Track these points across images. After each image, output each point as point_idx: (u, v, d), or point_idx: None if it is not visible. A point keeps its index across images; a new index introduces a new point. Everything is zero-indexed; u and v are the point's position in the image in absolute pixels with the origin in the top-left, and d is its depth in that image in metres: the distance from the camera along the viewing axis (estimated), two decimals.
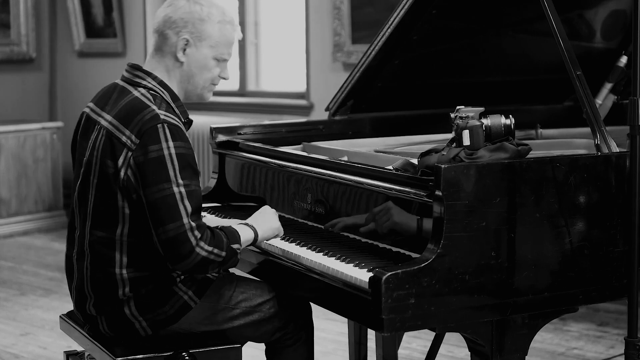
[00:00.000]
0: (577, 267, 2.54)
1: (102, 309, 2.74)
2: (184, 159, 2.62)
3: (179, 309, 2.73)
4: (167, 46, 2.75)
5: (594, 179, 2.56)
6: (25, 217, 7.25)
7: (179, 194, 2.59)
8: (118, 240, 2.68)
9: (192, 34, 2.73)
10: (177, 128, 2.64)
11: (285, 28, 6.69)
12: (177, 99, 2.76)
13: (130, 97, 2.71)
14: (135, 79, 2.76)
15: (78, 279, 2.78)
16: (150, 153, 2.60)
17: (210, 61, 2.77)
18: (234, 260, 2.69)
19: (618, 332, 4.63)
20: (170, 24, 2.73)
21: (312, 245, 2.78)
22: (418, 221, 2.53)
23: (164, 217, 2.59)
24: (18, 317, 5.11)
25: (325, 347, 4.51)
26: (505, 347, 2.52)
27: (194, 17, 2.72)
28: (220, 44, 2.76)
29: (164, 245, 2.60)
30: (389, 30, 3.26)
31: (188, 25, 2.72)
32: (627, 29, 3.58)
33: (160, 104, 2.68)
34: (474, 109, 2.67)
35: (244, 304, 2.81)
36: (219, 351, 2.76)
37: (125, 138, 2.64)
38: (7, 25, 7.51)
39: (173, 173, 2.60)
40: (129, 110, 2.67)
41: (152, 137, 2.61)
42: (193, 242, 2.59)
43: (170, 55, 2.75)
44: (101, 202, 2.69)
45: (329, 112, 3.61)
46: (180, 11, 2.73)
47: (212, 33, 2.74)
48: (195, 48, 2.74)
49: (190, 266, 2.61)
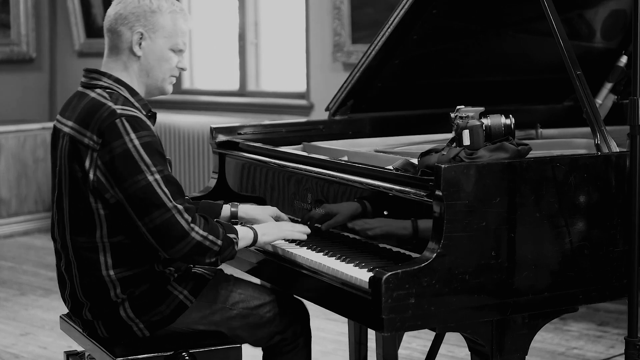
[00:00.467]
0: (577, 267, 2.54)
1: (97, 314, 2.74)
2: (150, 146, 2.61)
3: (175, 308, 2.73)
4: (122, 42, 2.74)
5: (594, 179, 2.56)
6: (25, 217, 7.25)
7: (155, 181, 2.59)
8: (99, 242, 2.67)
9: (146, 27, 2.73)
10: (135, 119, 2.63)
11: (285, 28, 6.69)
12: (135, 94, 2.75)
13: (87, 99, 2.71)
14: (91, 82, 2.75)
15: (70, 287, 2.78)
16: (115, 149, 2.59)
17: (167, 52, 2.76)
18: (231, 251, 2.68)
19: (618, 332, 4.63)
20: (122, 20, 2.73)
21: (312, 245, 2.78)
22: (413, 221, 2.53)
23: (146, 207, 2.58)
24: (18, 317, 5.11)
25: (325, 347, 4.51)
26: (505, 347, 2.52)
27: (145, 10, 2.73)
28: (174, 34, 2.76)
29: (154, 233, 2.60)
30: (389, 30, 3.26)
31: (140, 19, 2.72)
32: (627, 29, 3.58)
33: (117, 99, 2.68)
34: (474, 109, 2.67)
35: (241, 305, 2.81)
36: (219, 351, 2.76)
37: (87, 139, 2.63)
38: (7, 25, 7.51)
39: (143, 163, 2.59)
40: (87, 112, 2.67)
41: (113, 133, 2.60)
42: (184, 225, 2.59)
43: (127, 51, 2.75)
44: (75, 208, 2.69)
45: (329, 112, 3.61)
46: (130, 6, 2.73)
47: (164, 24, 2.74)
48: (151, 40, 2.74)
49: (186, 250, 2.60)
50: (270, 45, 6.76)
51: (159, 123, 6.73)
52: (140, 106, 2.74)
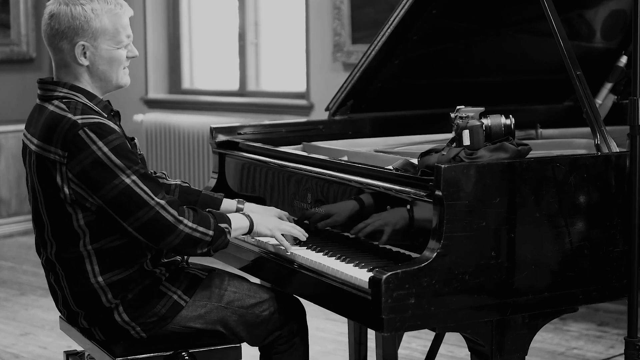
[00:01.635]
0: (577, 267, 2.54)
1: (93, 321, 2.74)
2: (120, 149, 2.59)
3: (170, 308, 2.72)
4: (66, 56, 2.69)
5: (594, 179, 2.56)
6: (25, 217, 7.25)
7: (133, 182, 2.58)
8: (83, 250, 2.66)
9: (85, 37, 2.66)
10: (99, 125, 2.59)
11: (285, 28, 6.69)
12: (93, 97, 2.70)
13: (46, 113, 2.67)
14: (47, 93, 2.71)
15: (62, 297, 2.77)
16: (84, 160, 2.57)
17: (115, 52, 2.70)
18: (223, 240, 2.67)
19: (618, 332, 4.63)
20: (60, 36, 2.66)
21: (312, 245, 2.78)
22: (413, 221, 2.52)
23: (130, 208, 2.58)
24: (18, 317, 5.11)
25: (325, 347, 4.51)
26: (505, 347, 2.52)
27: (80, 20, 2.64)
28: (116, 33, 2.69)
29: (141, 231, 2.59)
30: (389, 30, 3.26)
31: (78, 31, 2.65)
32: (627, 29, 3.58)
33: (75, 108, 2.63)
34: (474, 109, 2.67)
35: (237, 303, 2.81)
36: (219, 351, 2.77)
37: (53, 155, 2.61)
38: (7, 25, 7.50)
39: (117, 168, 2.57)
40: (48, 127, 2.63)
41: (78, 145, 2.57)
42: (171, 219, 2.59)
43: (74, 63, 2.69)
44: (56, 224, 2.68)
45: (329, 112, 3.61)
46: (65, 20, 2.65)
47: (104, 27, 2.67)
48: (94, 48, 2.68)
49: (176, 242, 2.60)
50: (270, 45, 6.76)
51: (158, 123, 6.75)
52: (101, 109, 2.69)
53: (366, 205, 2.71)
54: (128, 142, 2.67)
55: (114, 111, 2.75)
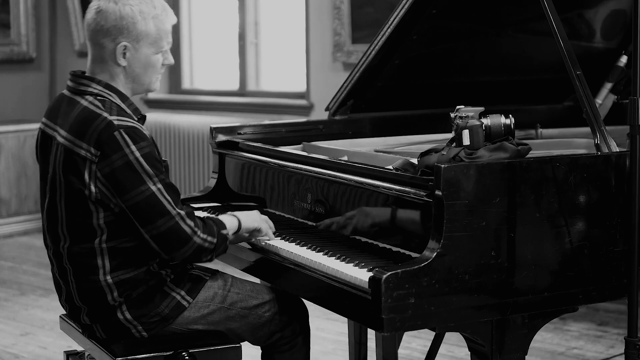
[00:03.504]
0: (577, 266, 2.54)
1: (95, 318, 2.74)
2: (150, 156, 2.61)
3: (173, 309, 2.73)
4: (106, 54, 2.70)
5: (594, 178, 2.56)
6: (25, 217, 7.25)
7: (158, 190, 2.60)
8: (97, 248, 2.67)
9: (129, 39, 2.67)
10: (134, 130, 2.61)
11: (285, 28, 6.69)
12: (126, 99, 2.73)
13: (79, 107, 2.68)
14: (80, 87, 2.72)
15: (66, 292, 2.77)
16: (116, 162, 2.58)
17: (152, 57, 2.72)
18: (224, 247, 2.72)
19: (618, 331, 4.63)
20: (104, 33, 2.68)
21: (312, 245, 2.78)
22: (413, 220, 2.52)
23: (150, 216, 2.59)
24: (18, 317, 5.11)
25: (325, 347, 4.51)
26: (505, 346, 2.52)
27: (127, 21, 2.66)
28: (158, 38, 2.71)
29: (157, 239, 2.61)
30: (389, 30, 3.26)
31: (123, 31, 2.67)
32: (627, 28, 3.58)
33: (111, 108, 2.65)
34: (474, 109, 2.67)
35: (240, 304, 2.81)
36: (219, 351, 2.77)
37: (84, 152, 2.61)
38: (7, 25, 7.50)
39: (145, 174, 2.59)
40: (82, 122, 2.64)
41: (112, 146, 2.58)
42: (189, 230, 2.62)
43: (111, 61, 2.70)
44: (74, 219, 2.68)
45: (329, 112, 3.61)
46: (112, 18, 2.67)
47: (148, 31, 2.69)
48: (135, 50, 2.69)
49: (187, 254, 2.63)
50: (270, 45, 6.76)
51: (158, 123, 6.75)
52: (132, 111, 2.71)
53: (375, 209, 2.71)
54: (157, 150, 2.68)
55: (142, 115, 2.77)
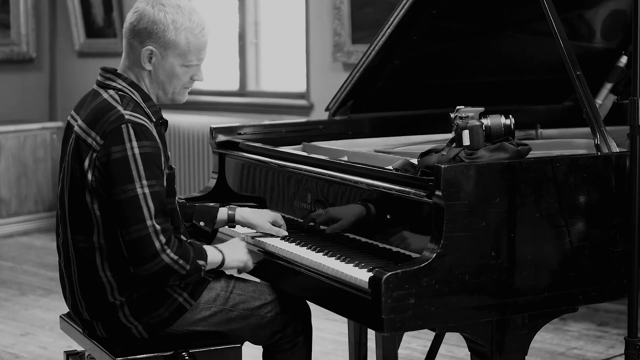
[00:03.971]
0: (577, 267, 2.54)
1: (95, 314, 2.74)
2: (149, 158, 2.59)
3: (175, 311, 2.72)
4: (134, 55, 2.70)
5: (594, 179, 2.56)
6: (25, 217, 7.25)
7: (143, 195, 2.57)
8: (96, 244, 2.67)
9: (157, 44, 2.66)
10: (142, 127, 2.61)
11: (285, 28, 6.69)
12: (148, 99, 2.72)
13: (99, 99, 2.69)
14: (106, 82, 2.72)
15: (69, 285, 2.77)
16: (114, 154, 2.58)
17: (178, 69, 2.70)
18: (196, 277, 2.68)
19: (618, 332, 4.63)
20: (134, 34, 2.68)
21: (312, 245, 2.78)
22: (413, 221, 2.52)
23: (127, 219, 2.57)
24: (18, 317, 5.11)
25: (325, 347, 4.51)
26: (505, 347, 2.52)
27: (159, 27, 2.65)
28: (187, 51, 2.68)
29: (127, 247, 2.59)
30: (389, 30, 3.26)
31: (152, 36, 2.66)
32: (627, 29, 3.58)
33: (128, 104, 2.65)
34: (474, 109, 2.67)
35: (242, 306, 2.81)
36: (219, 351, 2.76)
37: (91, 140, 2.62)
38: (7, 25, 7.50)
39: (137, 174, 2.57)
40: (97, 113, 2.65)
41: (116, 138, 2.58)
42: (157, 246, 2.56)
43: (138, 63, 2.70)
44: (75, 206, 2.68)
45: (329, 112, 3.61)
46: (145, 20, 2.66)
47: (178, 42, 2.67)
48: (161, 57, 2.68)
49: (152, 271, 2.57)
50: (270, 45, 6.76)
51: None
52: (152, 112, 2.71)
53: (369, 207, 2.71)
54: (164, 156, 2.67)
55: (163, 120, 2.76)
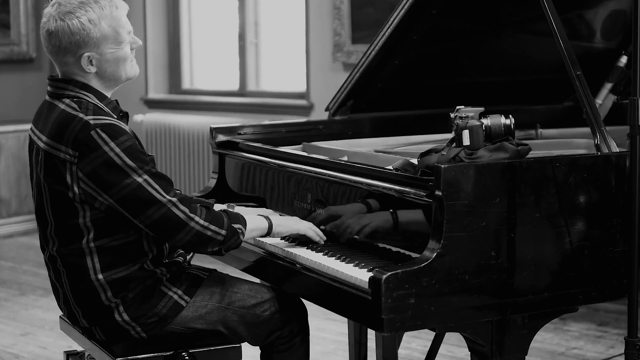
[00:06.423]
0: (577, 267, 2.54)
1: (93, 320, 2.74)
2: (132, 150, 2.59)
3: (171, 309, 2.72)
4: (73, 67, 2.67)
5: (594, 179, 2.56)
6: (25, 217, 7.25)
7: (145, 181, 2.58)
8: (86, 248, 2.66)
9: (89, 47, 2.63)
10: (111, 126, 2.59)
11: (285, 28, 6.69)
12: (104, 98, 2.70)
13: (56, 111, 2.66)
14: (58, 92, 2.70)
15: (62, 295, 2.77)
16: (95, 160, 2.56)
17: (118, 52, 2.68)
18: (235, 241, 2.67)
19: (618, 332, 4.63)
20: (63, 52, 2.64)
21: (312, 245, 2.78)
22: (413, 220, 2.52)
23: (141, 206, 2.58)
24: (18, 317, 5.11)
25: (325, 347, 4.51)
26: (505, 347, 2.52)
27: (81, 33, 2.61)
28: (117, 34, 2.66)
29: (152, 228, 2.61)
30: (389, 30, 3.27)
31: (80, 44, 2.62)
32: (627, 29, 3.58)
33: (87, 108, 2.63)
34: (474, 109, 2.67)
35: (238, 304, 2.81)
36: (219, 351, 2.77)
37: (63, 154, 2.60)
38: (7, 25, 7.50)
39: (129, 168, 2.57)
40: (59, 125, 2.62)
41: (90, 146, 2.57)
42: (182, 216, 2.59)
43: (81, 72, 2.67)
44: (61, 222, 2.67)
45: (329, 112, 3.61)
46: (64, 36, 2.61)
47: (105, 33, 2.64)
48: (99, 55, 2.65)
49: (187, 239, 2.60)
50: (270, 45, 6.76)
51: (158, 123, 6.74)
52: (111, 109, 2.69)
53: (369, 207, 2.71)
54: (138, 143, 2.67)
55: (122, 112, 2.75)
